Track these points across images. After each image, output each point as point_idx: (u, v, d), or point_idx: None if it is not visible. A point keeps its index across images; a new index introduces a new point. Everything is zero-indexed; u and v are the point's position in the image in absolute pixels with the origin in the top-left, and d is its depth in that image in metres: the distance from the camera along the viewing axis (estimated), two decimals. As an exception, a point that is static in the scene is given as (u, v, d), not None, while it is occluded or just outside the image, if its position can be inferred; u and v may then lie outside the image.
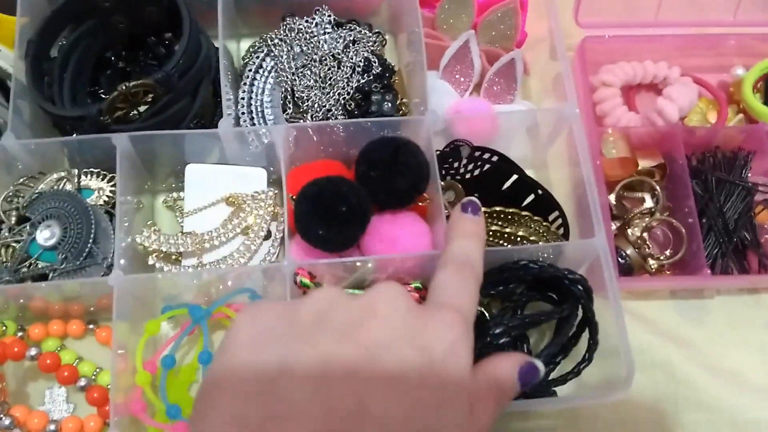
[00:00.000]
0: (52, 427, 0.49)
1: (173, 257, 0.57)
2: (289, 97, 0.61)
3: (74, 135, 0.54)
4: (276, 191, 0.59)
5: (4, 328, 0.54)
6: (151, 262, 0.56)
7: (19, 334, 0.55)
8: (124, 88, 0.51)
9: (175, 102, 0.55)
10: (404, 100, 0.63)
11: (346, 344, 0.25)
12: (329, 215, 0.52)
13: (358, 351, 0.25)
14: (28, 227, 0.54)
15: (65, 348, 0.56)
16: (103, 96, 0.62)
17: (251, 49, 0.64)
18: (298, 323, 0.26)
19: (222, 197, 0.59)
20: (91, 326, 0.56)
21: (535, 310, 0.57)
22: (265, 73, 0.62)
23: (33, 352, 0.53)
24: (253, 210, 0.59)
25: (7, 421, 0.48)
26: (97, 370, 0.55)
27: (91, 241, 0.52)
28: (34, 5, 0.57)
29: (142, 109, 0.56)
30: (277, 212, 0.59)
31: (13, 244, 0.54)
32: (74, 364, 0.54)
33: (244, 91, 0.61)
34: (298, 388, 0.24)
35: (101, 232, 0.53)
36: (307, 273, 0.51)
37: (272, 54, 0.62)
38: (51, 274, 0.53)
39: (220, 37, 0.57)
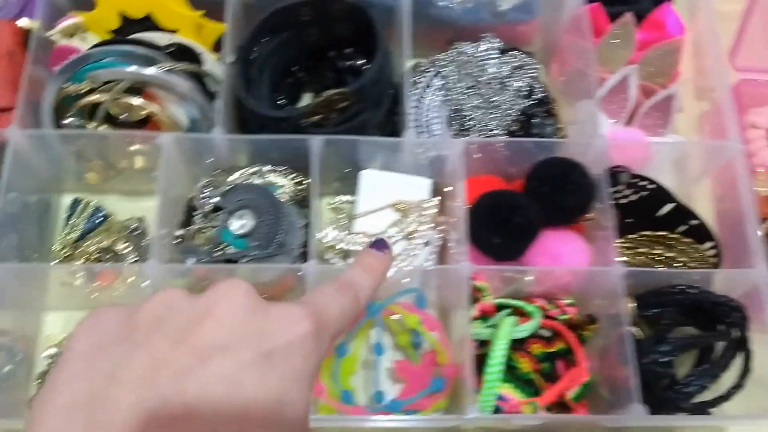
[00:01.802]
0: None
1: (342, 254, 0.62)
2: (454, 115, 0.66)
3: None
4: (439, 200, 0.63)
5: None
6: (327, 256, 0.60)
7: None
8: (328, 95, 0.56)
9: (363, 112, 0.60)
10: (559, 126, 0.67)
11: (178, 348, 0.24)
12: (504, 225, 0.56)
13: (190, 353, 0.24)
14: (222, 216, 0.58)
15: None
16: (279, 102, 0.68)
17: (420, 68, 0.68)
18: (136, 328, 0.25)
19: (390, 203, 0.63)
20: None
21: (680, 334, 0.60)
22: (434, 91, 0.67)
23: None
24: (418, 217, 0.63)
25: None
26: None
27: (282, 232, 0.57)
28: (236, 14, 0.63)
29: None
30: (440, 220, 0.63)
31: (207, 231, 0.59)
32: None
33: (413, 107, 0.66)
34: (123, 396, 0.23)
35: (289, 225, 0.58)
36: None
37: (441, 74, 0.67)
38: (241, 260, 0.57)
39: (405, 56, 0.62)
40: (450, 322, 0.61)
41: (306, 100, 0.70)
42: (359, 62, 0.65)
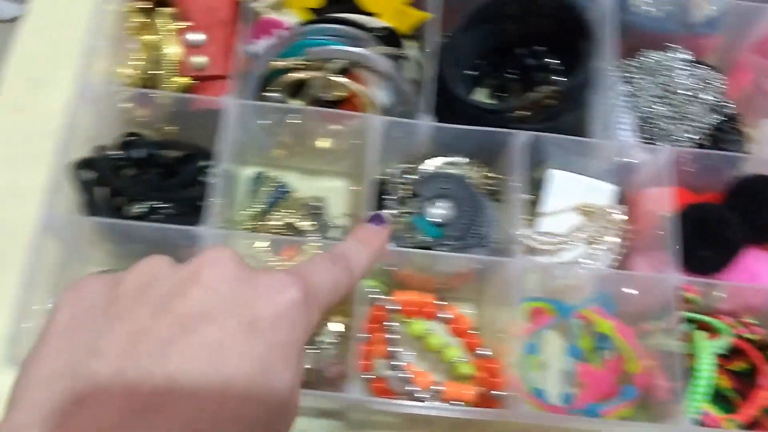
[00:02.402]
0: (440, 387, 0.53)
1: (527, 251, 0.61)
2: (642, 123, 0.65)
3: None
4: (626, 207, 0.63)
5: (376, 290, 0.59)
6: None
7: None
8: (544, 91, 0.56)
9: (565, 112, 0.59)
10: (746, 142, 0.66)
11: (160, 317, 0.24)
12: (713, 239, 0.55)
13: (173, 322, 0.24)
14: (419, 203, 0.58)
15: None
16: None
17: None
18: (118, 298, 0.25)
19: (576, 205, 0.63)
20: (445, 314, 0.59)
21: None
22: (620, 97, 0.66)
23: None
24: (602, 222, 0.62)
25: (405, 374, 0.52)
26: (447, 344, 0.59)
27: (481, 225, 0.57)
28: (436, 3, 0.63)
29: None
30: (624, 228, 0.62)
31: (401, 216, 0.59)
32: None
33: (602, 111, 0.65)
34: (103, 369, 0.23)
35: (486, 217, 0.58)
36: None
37: (628, 80, 0.66)
38: (435, 248, 0.57)
39: (608, 58, 0.61)
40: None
41: (477, 94, 0.70)
42: (551, 61, 0.65)
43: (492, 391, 0.54)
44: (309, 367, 0.59)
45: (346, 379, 0.58)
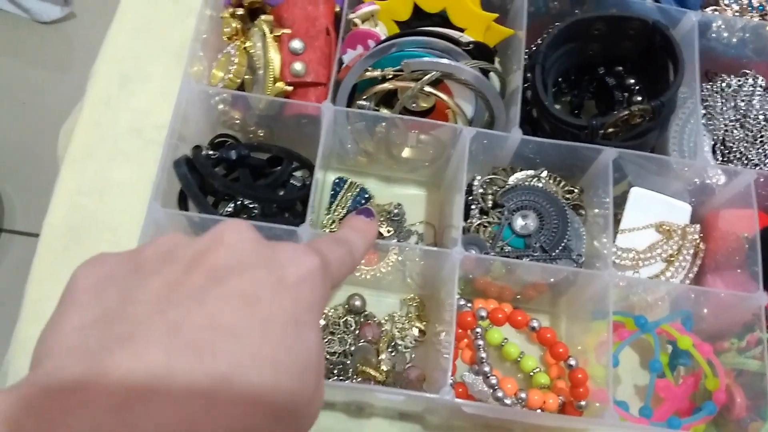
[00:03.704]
0: (523, 395, 0.54)
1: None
2: (718, 145, 0.67)
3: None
4: (700, 227, 0.64)
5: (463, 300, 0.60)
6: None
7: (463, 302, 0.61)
8: (634, 109, 0.57)
9: (652, 130, 0.61)
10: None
11: (193, 271, 0.24)
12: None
13: (205, 274, 0.24)
14: (505, 213, 0.60)
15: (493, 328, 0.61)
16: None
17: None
18: (142, 265, 0.25)
19: (654, 223, 0.64)
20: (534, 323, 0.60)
21: None
22: (700, 119, 0.68)
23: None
24: (679, 241, 0.63)
25: (493, 381, 0.54)
26: (522, 354, 0.61)
27: (569, 238, 0.58)
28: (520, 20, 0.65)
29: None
30: (701, 248, 0.63)
31: (484, 226, 0.60)
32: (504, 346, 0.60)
33: (678, 131, 0.67)
34: (141, 311, 0.23)
35: (573, 231, 0.59)
36: None
37: (707, 104, 0.68)
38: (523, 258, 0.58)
39: (698, 80, 0.63)
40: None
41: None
42: (631, 81, 0.66)
43: (577, 401, 0.55)
44: (388, 369, 0.60)
45: (425, 382, 0.60)
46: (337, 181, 0.67)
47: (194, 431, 0.21)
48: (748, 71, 0.69)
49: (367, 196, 0.66)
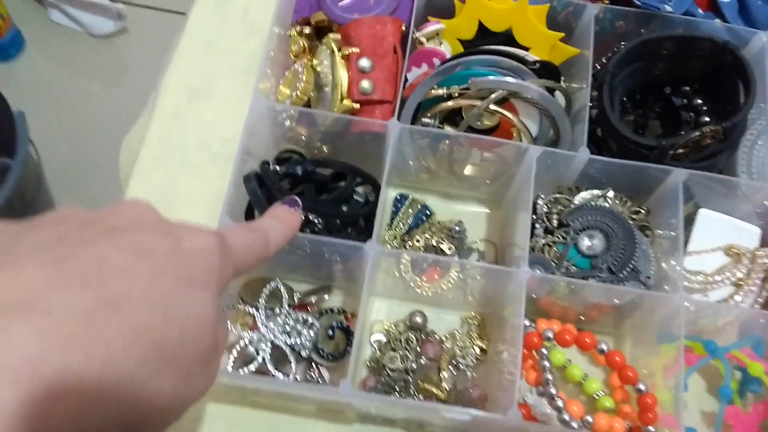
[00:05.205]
0: (589, 418, 0.53)
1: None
2: (788, 166, 0.65)
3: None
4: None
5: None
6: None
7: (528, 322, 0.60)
8: (705, 130, 0.57)
9: (722, 152, 0.60)
10: None
11: (85, 228, 0.24)
12: None
13: (98, 230, 0.24)
14: (571, 233, 0.59)
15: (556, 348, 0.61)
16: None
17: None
18: (35, 223, 0.25)
19: (722, 246, 0.63)
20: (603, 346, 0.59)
21: None
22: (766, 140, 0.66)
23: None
24: (749, 264, 0.62)
25: (559, 403, 0.53)
26: (586, 376, 0.60)
27: (637, 259, 0.57)
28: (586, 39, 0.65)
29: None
30: (770, 271, 0.62)
31: (549, 245, 0.60)
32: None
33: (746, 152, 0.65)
34: (25, 248, 0.23)
35: (641, 252, 0.58)
36: None
37: (775, 124, 0.66)
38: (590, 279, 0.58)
39: (767, 100, 0.62)
40: None
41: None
42: (699, 102, 0.65)
43: (645, 426, 0.54)
44: (450, 387, 0.60)
45: (486, 402, 0.59)
46: (398, 197, 0.67)
47: (75, 349, 0.20)
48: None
49: (428, 212, 0.66)
